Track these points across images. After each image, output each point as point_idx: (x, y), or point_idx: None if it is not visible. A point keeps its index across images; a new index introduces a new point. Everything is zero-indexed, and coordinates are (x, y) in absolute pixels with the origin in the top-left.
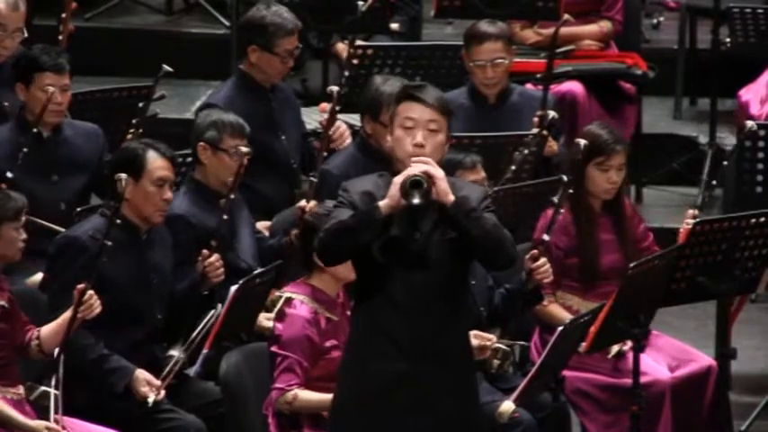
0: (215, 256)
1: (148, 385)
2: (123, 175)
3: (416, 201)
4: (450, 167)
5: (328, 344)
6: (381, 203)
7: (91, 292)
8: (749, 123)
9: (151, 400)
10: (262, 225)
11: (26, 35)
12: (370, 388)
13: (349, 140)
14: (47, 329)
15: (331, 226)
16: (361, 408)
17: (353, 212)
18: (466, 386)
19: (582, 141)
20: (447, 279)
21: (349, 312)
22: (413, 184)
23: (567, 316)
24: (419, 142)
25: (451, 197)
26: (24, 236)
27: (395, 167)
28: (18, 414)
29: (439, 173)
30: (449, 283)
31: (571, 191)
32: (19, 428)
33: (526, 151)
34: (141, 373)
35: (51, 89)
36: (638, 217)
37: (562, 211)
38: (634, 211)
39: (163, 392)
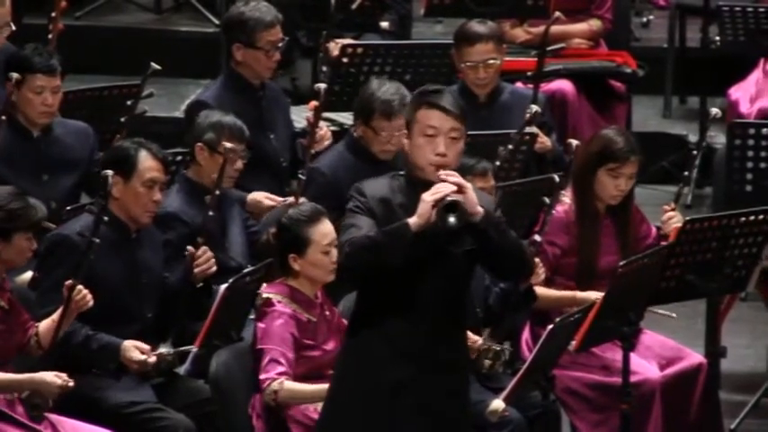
0: (202, 249)
1: (138, 350)
2: (109, 172)
3: (452, 222)
4: (459, 172)
5: (308, 342)
6: (411, 221)
7: (80, 286)
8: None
9: (151, 360)
10: (261, 195)
11: (14, 28)
12: (373, 393)
13: (328, 143)
14: (44, 325)
15: (358, 240)
16: (363, 413)
17: (383, 230)
18: (465, 390)
19: (574, 142)
20: (455, 288)
21: (327, 312)
22: (448, 208)
23: (554, 292)
24: (442, 152)
25: (480, 209)
26: (35, 245)
27: (412, 174)
28: (16, 375)
29: (468, 185)
30: (456, 292)
31: (567, 191)
32: (22, 388)
33: (510, 146)
34: (129, 342)
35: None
36: (640, 215)
37: (554, 212)
38: (636, 209)
39: (153, 357)
